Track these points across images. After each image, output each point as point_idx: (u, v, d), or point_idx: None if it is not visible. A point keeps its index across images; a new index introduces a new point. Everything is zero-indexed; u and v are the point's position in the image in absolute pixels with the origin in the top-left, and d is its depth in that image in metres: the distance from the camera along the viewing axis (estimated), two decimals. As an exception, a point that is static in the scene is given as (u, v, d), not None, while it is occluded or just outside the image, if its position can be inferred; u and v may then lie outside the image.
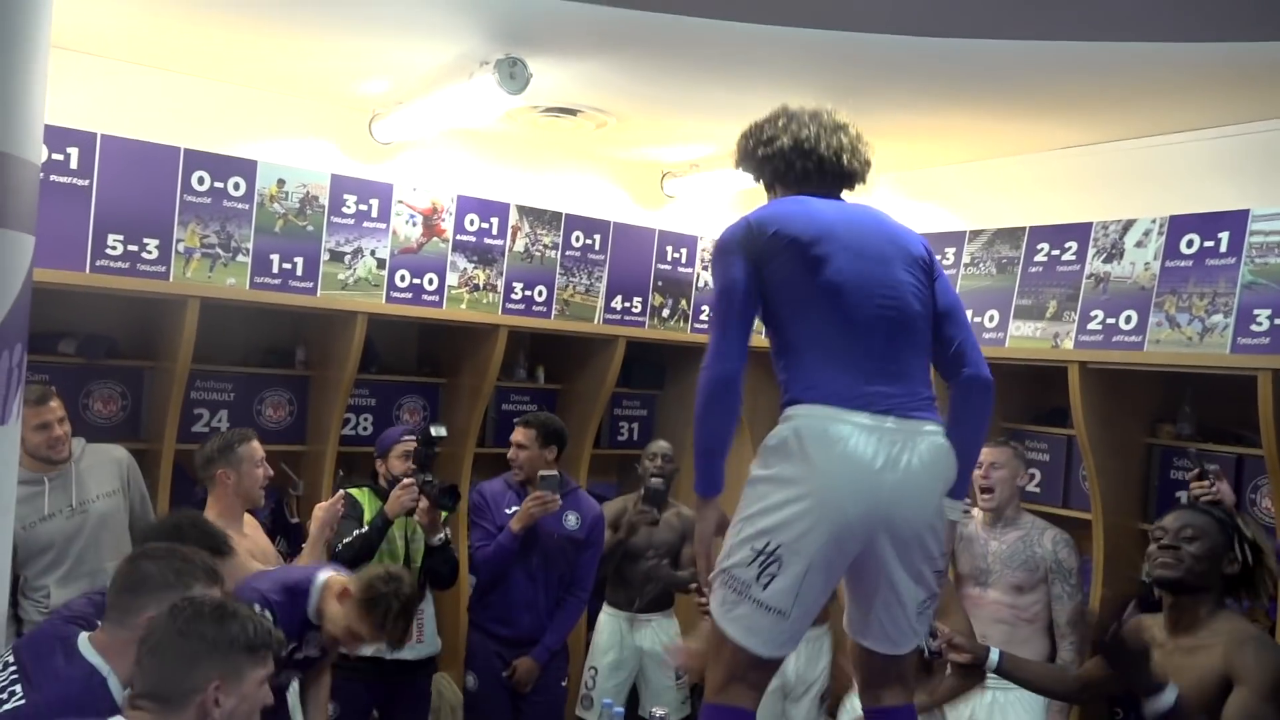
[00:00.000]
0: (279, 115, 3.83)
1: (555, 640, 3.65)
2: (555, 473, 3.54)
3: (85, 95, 3.41)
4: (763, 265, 1.97)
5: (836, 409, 1.88)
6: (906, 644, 2.03)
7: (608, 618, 4.05)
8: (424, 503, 3.29)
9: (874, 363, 1.92)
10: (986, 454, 3.24)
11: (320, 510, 3.09)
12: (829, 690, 3.92)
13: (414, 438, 3.45)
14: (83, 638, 1.89)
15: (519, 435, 3.62)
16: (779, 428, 1.93)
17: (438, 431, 3.39)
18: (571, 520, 3.67)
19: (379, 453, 3.55)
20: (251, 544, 3.05)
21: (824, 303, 1.95)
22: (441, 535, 3.45)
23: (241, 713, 1.69)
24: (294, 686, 2.87)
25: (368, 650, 2.63)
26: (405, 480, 3.26)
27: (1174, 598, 2.28)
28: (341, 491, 3.15)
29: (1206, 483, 2.86)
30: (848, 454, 1.85)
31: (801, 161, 2.07)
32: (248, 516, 3.15)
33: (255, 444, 3.12)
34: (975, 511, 3.37)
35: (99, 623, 1.96)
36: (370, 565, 2.80)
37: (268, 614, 2.41)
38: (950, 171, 4.09)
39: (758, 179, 2.18)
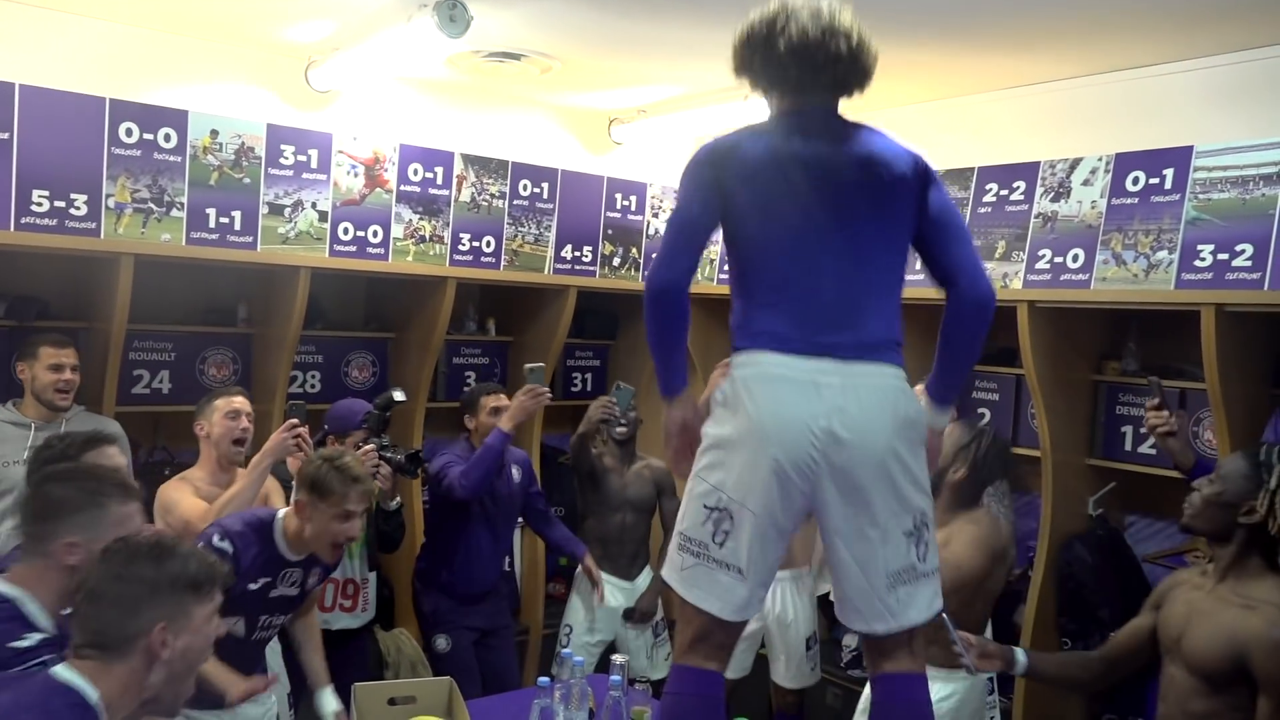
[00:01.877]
0: (210, 63, 3.68)
1: (578, 544, 3.87)
2: (542, 364, 3.56)
3: (2, 45, 3.25)
4: (724, 191, 1.89)
5: (771, 354, 1.84)
6: (879, 622, 1.86)
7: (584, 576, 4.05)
8: (384, 469, 3.25)
9: (817, 310, 1.85)
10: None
11: (273, 439, 2.93)
12: (815, 635, 3.96)
13: (372, 414, 3.38)
14: None
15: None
16: (723, 380, 1.90)
17: (399, 397, 3.33)
18: (516, 474, 3.74)
19: (334, 430, 3.41)
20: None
21: (767, 248, 1.89)
22: (397, 500, 3.44)
23: (194, 650, 1.63)
24: (275, 644, 2.83)
25: (356, 533, 2.58)
26: (365, 447, 3.21)
27: (1206, 542, 2.26)
28: (293, 420, 2.95)
29: (1165, 412, 2.76)
30: (778, 399, 1.81)
31: (797, 70, 1.90)
32: (270, 479, 3.04)
33: (233, 397, 3.08)
34: None
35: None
36: None
37: (226, 544, 2.44)
38: (898, 113, 4.07)
39: (753, 85, 2.01)
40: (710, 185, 1.90)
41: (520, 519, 3.95)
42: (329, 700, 2.75)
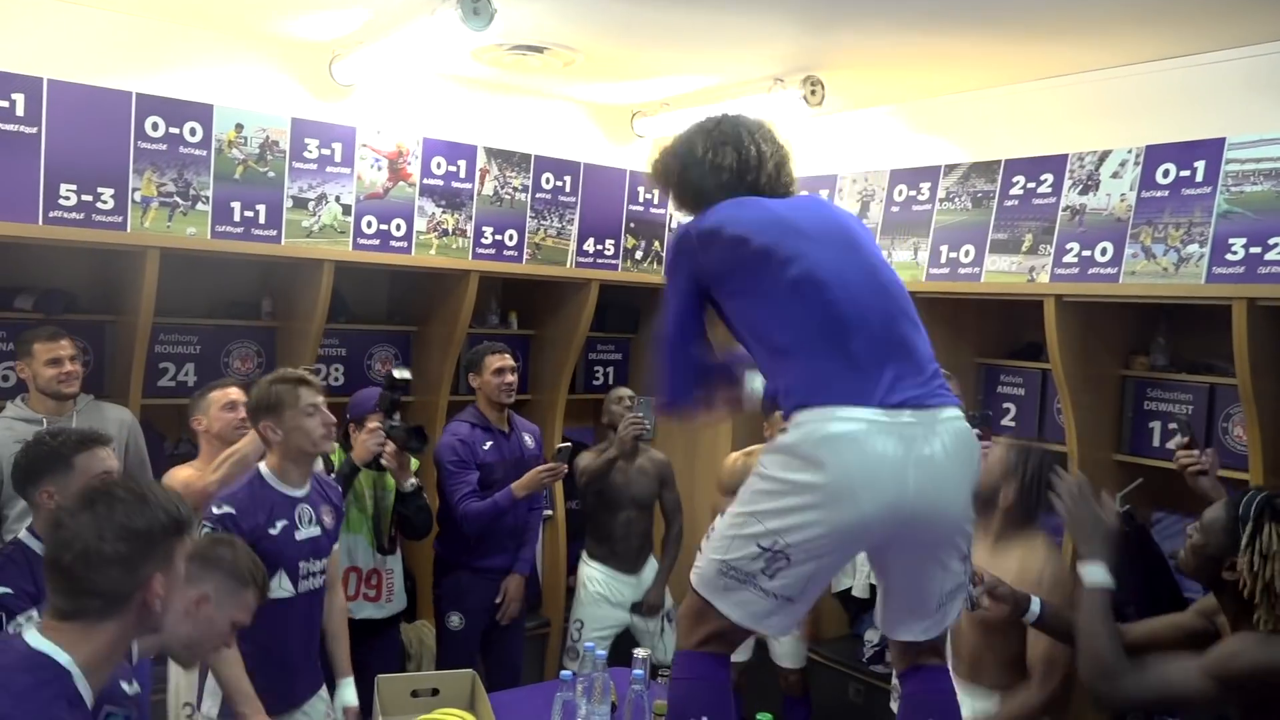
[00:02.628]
0: (234, 57, 3.69)
1: (531, 552, 3.89)
2: (569, 444, 3.67)
3: (30, 38, 3.27)
4: (720, 275, 1.92)
5: (847, 408, 1.75)
6: (934, 631, 1.95)
7: (590, 570, 4.05)
8: (390, 447, 3.24)
9: (876, 350, 1.80)
10: None
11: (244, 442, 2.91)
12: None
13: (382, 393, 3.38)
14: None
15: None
16: (790, 431, 1.81)
17: (401, 374, 3.29)
18: (529, 441, 3.82)
19: (353, 416, 3.46)
20: None
21: (807, 298, 1.83)
22: (413, 481, 3.41)
23: (173, 595, 1.58)
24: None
25: (329, 423, 2.63)
26: (371, 425, 3.21)
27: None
28: (252, 433, 2.81)
29: (1196, 452, 2.63)
30: (865, 455, 1.73)
31: (714, 177, 2.01)
32: None
33: (229, 390, 3.12)
34: None
35: None
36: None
37: (227, 508, 2.50)
38: (926, 105, 4.03)
39: (683, 200, 2.09)
40: (691, 280, 1.95)
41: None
42: (348, 693, 2.77)
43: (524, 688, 3.23)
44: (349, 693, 2.78)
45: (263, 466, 2.64)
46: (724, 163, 2.00)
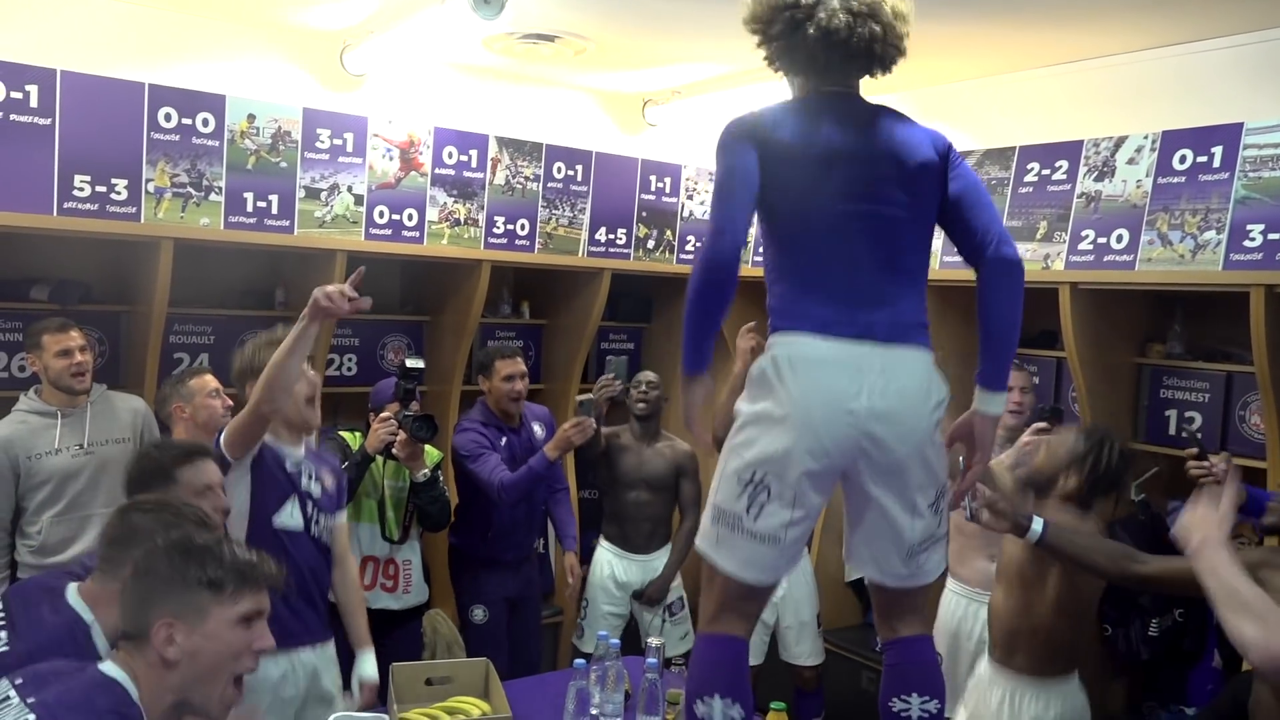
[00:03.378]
0: (247, 47, 3.70)
1: (574, 529, 3.91)
2: (592, 396, 3.59)
3: (43, 30, 3.28)
4: (763, 163, 1.88)
5: (811, 335, 1.87)
6: (894, 579, 1.98)
7: (601, 550, 4.05)
8: (402, 435, 3.22)
9: (853, 289, 1.88)
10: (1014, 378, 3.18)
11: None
12: (818, 613, 3.97)
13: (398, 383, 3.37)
14: (71, 587, 1.86)
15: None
16: (760, 358, 1.93)
17: (414, 364, 3.27)
18: (538, 430, 3.79)
19: (373, 406, 3.46)
20: None
21: (799, 233, 1.92)
22: (427, 470, 3.37)
23: (208, 653, 1.56)
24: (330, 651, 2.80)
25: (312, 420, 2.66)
26: (383, 414, 3.22)
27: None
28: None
29: (1206, 463, 2.68)
30: (821, 379, 1.84)
31: (826, 56, 1.88)
32: None
33: (207, 377, 3.15)
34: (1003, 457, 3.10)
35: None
36: None
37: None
38: (939, 90, 4.01)
39: (775, 65, 1.99)
40: (751, 152, 1.89)
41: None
42: (368, 665, 2.76)
43: (538, 676, 3.23)
44: (368, 665, 2.76)
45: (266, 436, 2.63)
46: (835, 25, 1.84)
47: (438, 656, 3.76)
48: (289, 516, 2.59)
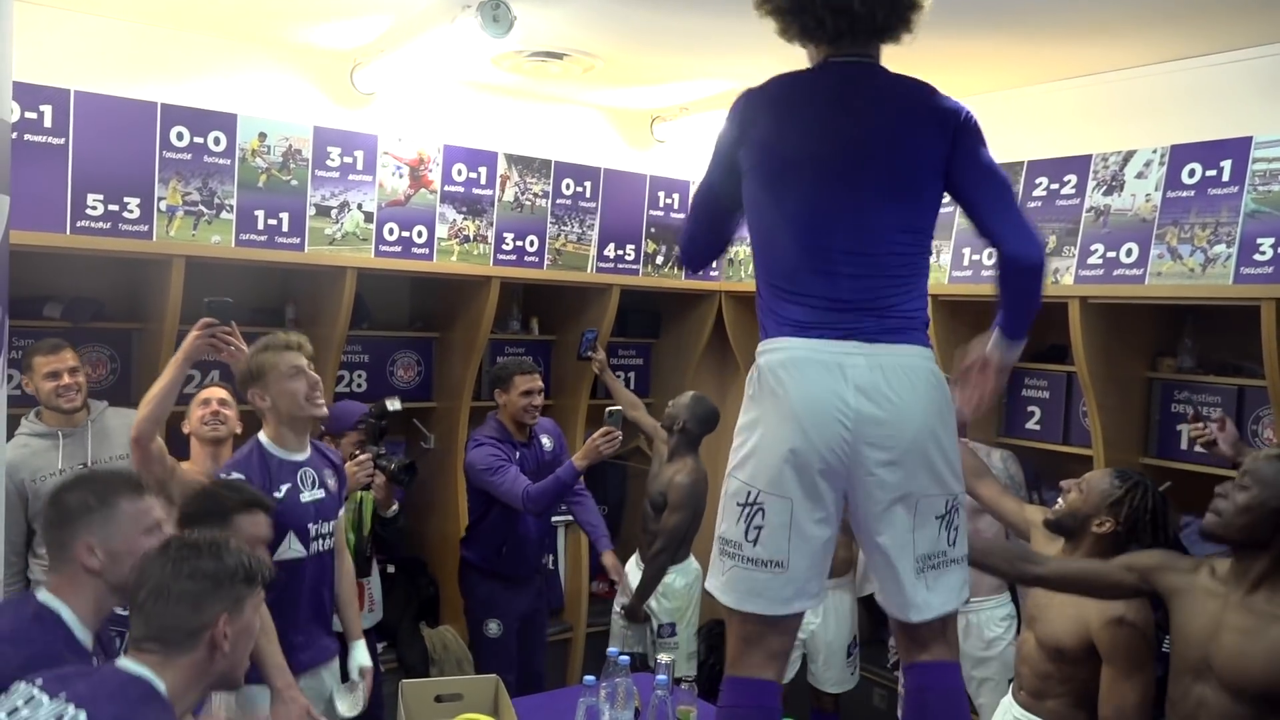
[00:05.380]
0: (257, 66, 3.73)
1: (605, 528, 3.96)
2: (620, 408, 3.59)
3: (56, 51, 3.31)
4: (747, 146, 1.85)
5: (794, 339, 1.78)
6: (913, 612, 1.80)
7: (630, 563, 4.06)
8: (380, 478, 3.26)
9: (834, 300, 1.77)
10: None
11: (187, 340, 2.76)
12: (856, 641, 3.92)
13: (368, 420, 3.37)
14: (40, 589, 1.86)
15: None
16: (749, 375, 1.85)
17: (393, 406, 3.33)
18: (547, 442, 3.80)
19: (330, 430, 3.36)
20: None
21: (779, 228, 1.82)
22: (395, 508, 3.47)
23: (243, 640, 1.72)
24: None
25: (313, 380, 2.66)
26: (361, 456, 3.21)
27: (1231, 548, 2.09)
28: (207, 320, 2.71)
29: (1200, 424, 2.76)
30: (803, 381, 1.74)
31: (834, 20, 1.79)
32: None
33: (208, 391, 3.21)
34: None
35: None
36: None
37: (236, 474, 2.55)
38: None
39: (782, 32, 1.89)
40: (730, 146, 1.88)
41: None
42: (361, 654, 2.81)
43: (547, 693, 3.22)
44: (363, 654, 2.83)
45: (262, 436, 2.68)
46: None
47: (446, 673, 3.76)
48: (288, 549, 2.60)
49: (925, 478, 1.77)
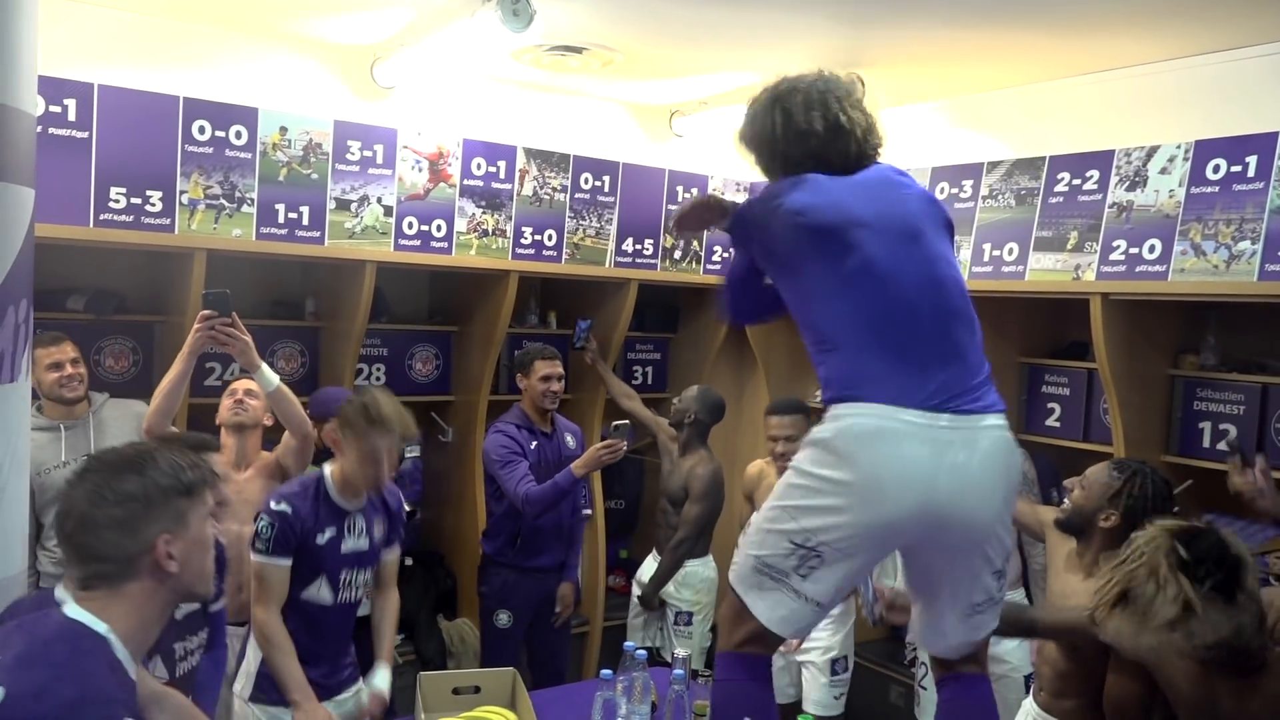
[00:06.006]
0: (278, 60, 3.74)
1: (577, 560, 3.87)
2: (627, 421, 3.61)
3: (80, 45, 3.34)
4: (776, 254, 1.95)
5: (885, 407, 1.75)
6: (952, 651, 1.97)
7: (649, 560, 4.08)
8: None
9: (922, 350, 1.79)
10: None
11: (191, 336, 2.79)
12: (845, 661, 3.84)
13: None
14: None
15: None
16: (826, 425, 1.82)
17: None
18: (571, 441, 3.81)
19: (314, 415, 3.18)
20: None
21: (861, 291, 1.82)
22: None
23: (195, 557, 1.56)
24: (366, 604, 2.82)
25: (382, 475, 2.61)
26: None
27: None
28: (207, 312, 2.74)
29: (1249, 475, 2.46)
30: (898, 458, 1.74)
31: (830, 150, 1.96)
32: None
33: (237, 383, 3.21)
34: None
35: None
36: None
37: (284, 506, 2.53)
38: (970, 100, 3.99)
39: (768, 170, 2.04)
40: (749, 256, 2.08)
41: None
42: (381, 676, 2.75)
43: (564, 686, 3.24)
44: (381, 679, 2.74)
45: (326, 470, 2.64)
46: (813, 128, 1.94)
47: (464, 666, 3.77)
48: (317, 591, 2.59)
49: (993, 546, 1.87)
